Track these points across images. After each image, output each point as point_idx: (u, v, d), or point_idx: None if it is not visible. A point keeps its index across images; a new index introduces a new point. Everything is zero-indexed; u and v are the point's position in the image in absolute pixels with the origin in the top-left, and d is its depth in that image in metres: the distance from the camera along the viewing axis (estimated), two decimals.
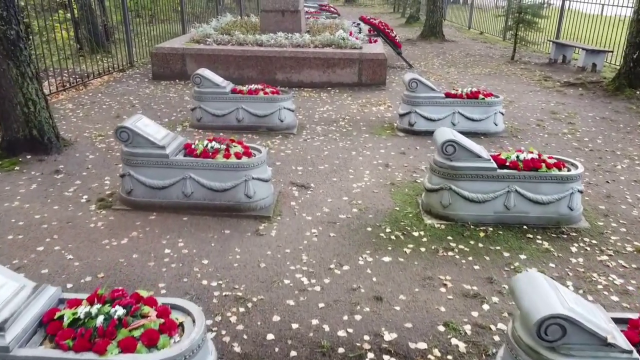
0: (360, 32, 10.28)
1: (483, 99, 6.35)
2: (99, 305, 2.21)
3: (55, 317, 2.19)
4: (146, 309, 2.23)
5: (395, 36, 10.65)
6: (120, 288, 2.36)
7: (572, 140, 6.38)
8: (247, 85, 6.52)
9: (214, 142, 4.37)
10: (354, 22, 11.15)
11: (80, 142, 5.96)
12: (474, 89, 6.45)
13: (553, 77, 9.96)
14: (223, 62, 8.78)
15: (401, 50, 10.91)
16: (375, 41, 9.78)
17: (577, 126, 6.94)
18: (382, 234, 4.05)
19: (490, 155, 4.25)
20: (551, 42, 11.56)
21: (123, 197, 4.41)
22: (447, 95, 6.42)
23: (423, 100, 6.33)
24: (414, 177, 5.16)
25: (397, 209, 4.50)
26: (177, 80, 8.94)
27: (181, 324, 2.24)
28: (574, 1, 12.50)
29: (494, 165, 4.14)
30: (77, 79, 8.64)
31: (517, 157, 4.25)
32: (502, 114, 6.50)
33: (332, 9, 22.52)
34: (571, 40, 11.86)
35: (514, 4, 11.35)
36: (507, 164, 4.21)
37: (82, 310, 2.18)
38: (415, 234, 4.07)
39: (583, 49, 10.48)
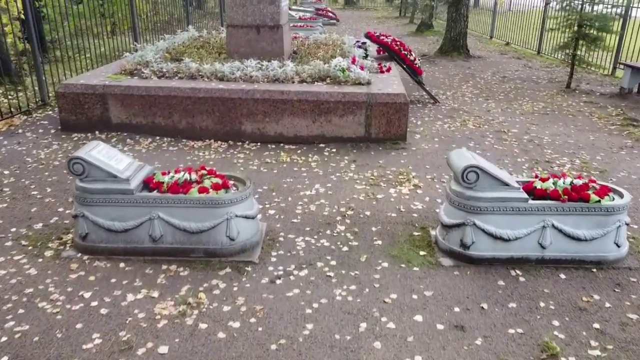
0: (366, 57, 7.37)
1: (598, 201, 3.49)
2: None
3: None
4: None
5: (415, 60, 7.77)
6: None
7: None
8: (169, 173, 3.66)
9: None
10: (357, 42, 8.22)
11: None
12: (578, 181, 3.60)
13: None
14: (164, 105, 5.90)
15: (422, 77, 8.03)
16: (389, 69, 6.89)
17: None
18: None
19: None
20: (624, 66, 8.62)
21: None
22: (529, 190, 3.57)
23: (489, 205, 3.47)
24: None
25: None
26: (96, 133, 6.02)
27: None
28: None
29: None
30: None
31: None
32: (627, 224, 3.65)
33: (330, 14, 19.77)
34: None
35: (573, 13, 8.41)
36: None
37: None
38: None
39: None
